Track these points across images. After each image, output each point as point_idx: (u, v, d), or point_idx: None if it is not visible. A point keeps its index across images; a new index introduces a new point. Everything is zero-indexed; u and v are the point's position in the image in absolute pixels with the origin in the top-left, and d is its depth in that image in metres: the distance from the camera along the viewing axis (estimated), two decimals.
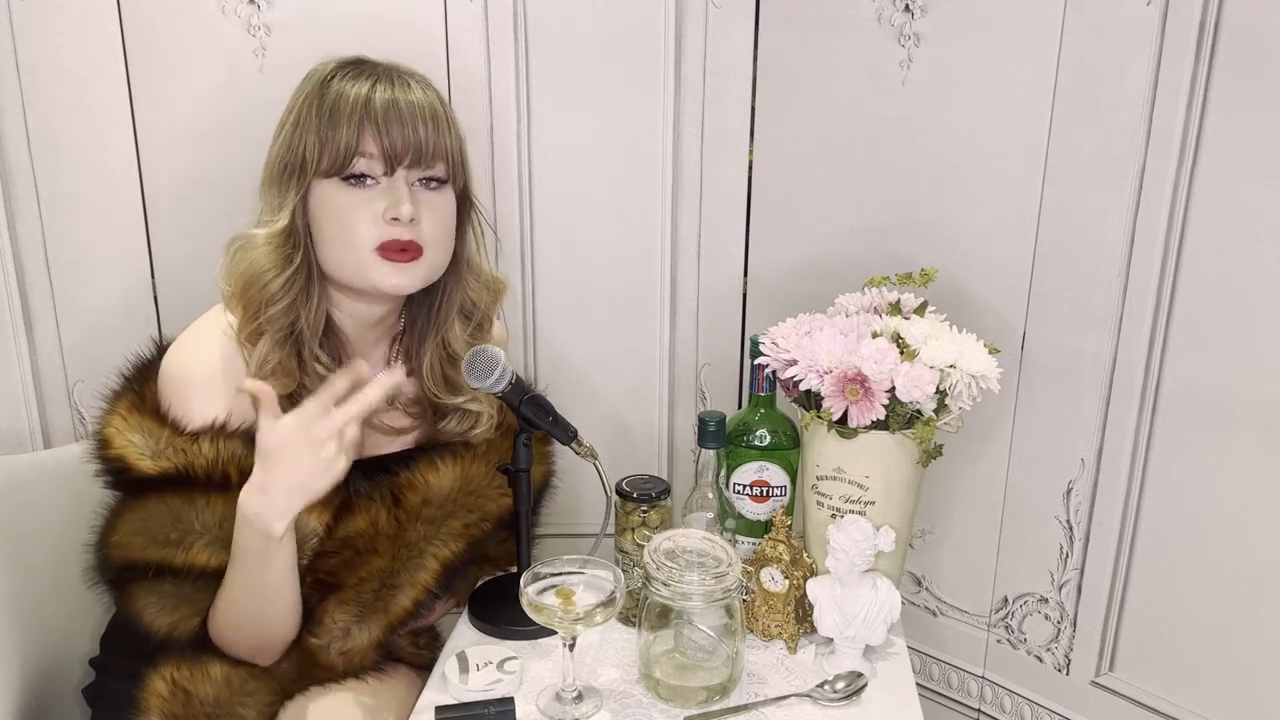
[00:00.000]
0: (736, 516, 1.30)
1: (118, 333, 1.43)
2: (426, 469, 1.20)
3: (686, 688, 1.11)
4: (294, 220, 1.11)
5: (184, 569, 1.09)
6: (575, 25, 1.47)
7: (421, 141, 1.10)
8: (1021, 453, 1.38)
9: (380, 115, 1.08)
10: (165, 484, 1.09)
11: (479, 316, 1.24)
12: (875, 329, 1.19)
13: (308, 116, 1.10)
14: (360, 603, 1.15)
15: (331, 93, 1.10)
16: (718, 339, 1.61)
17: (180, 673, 1.12)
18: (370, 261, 1.11)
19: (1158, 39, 1.16)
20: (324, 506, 1.13)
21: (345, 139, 1.08)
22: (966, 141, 1.33)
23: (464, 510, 1.20)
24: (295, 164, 1.10)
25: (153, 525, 1.09)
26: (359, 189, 1.10)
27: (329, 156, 1.09)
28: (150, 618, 1.11)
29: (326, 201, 1.11)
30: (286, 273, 1.11)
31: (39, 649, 1.26)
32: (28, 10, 1.36)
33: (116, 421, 1.11)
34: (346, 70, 1.12)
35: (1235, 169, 1.13)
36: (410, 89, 1.11)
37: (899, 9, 1.35)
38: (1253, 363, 1.16)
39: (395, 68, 1.14)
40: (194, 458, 1.08)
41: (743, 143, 1.53)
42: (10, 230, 1.41)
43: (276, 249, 1.11)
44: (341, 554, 1.14)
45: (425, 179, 1.13)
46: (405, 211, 1.09)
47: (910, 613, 1.52)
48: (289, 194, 1.11)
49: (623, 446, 1.63)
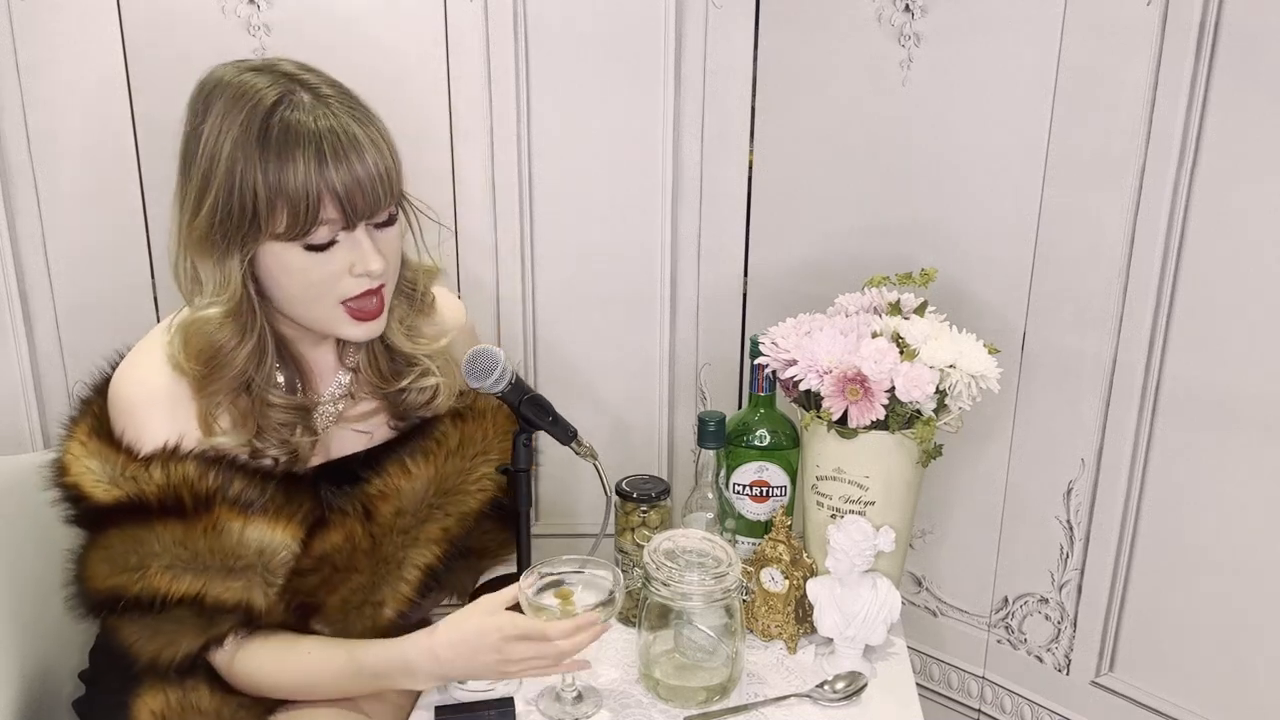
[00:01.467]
0: (736, 516, 1.30)
1: (118, 333, 1.43)
2: (398, 474, 1.16)
3: (686, 688, 1.11)
4: (245, 288, 1.04)
5: (143, 595, 1.06)
6: (575, 25, 1.47)
7: (380, 199, 1.03)
8: (1021, 453, 1.38)
9: (341, 190, 1.00)
10: (121, 512, 1.06)
11: (408, 291, 1.19)
12: (875, 329, 1.19)
13: (249, 174, 0.99)
14: (345, 620, 1.14)
15: (272, 150, 0.99)
16: (718, 339, 1.61)
17: (170, 706, 1.11)
18: (337, 317, 1.07)
19: (1158, 39, 1.16)
20: (298, 523, 1.10)
21: (305, 210, 0.99)
22: (966, 141, 1.33)
23: (440, 513, 1.18)
24: (242, 224, 1.01)
25: (115, 553, 1.07)
26: (319, 251, 1.03)
27: (282, 219, 1.00)
28: (134, 647, 1.10)
29: (286, 265, 1.03)
30: (248, 345, 1.07)
31: (38, 651, 1.26)
32: (28, 10, 1.36)
33: (75, 448, 1.09)
34: (277, 114, 1.00)
35: (1235, 169, 1.13)
36: (362, 152, 1.01)
37: (899, 9, 1.35)
38: (1253, 363, 1.16)
39: (332, 109, 1.02)
40: (145, 485, 1.05)
41: (743, 143, 1.53)
42: (10, 230, 1.41)
43: (232, 322, 1.05)
44: (320, 571, 1.12)
45: (381, 221, 1.07)
46: (376, 268, 1.04)
47: (910, 613, 1.52)
48: (231, 260, 1.03)
49: (623, 446, 1.63)
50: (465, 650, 1.05)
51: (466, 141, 1.49)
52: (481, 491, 1.22)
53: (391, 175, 1.05)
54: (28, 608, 1.25)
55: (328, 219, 1.01)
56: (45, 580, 1.26)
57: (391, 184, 1.05)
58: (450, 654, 1.06)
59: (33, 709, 1.24)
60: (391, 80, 1.44)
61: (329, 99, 1.03)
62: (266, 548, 1.09)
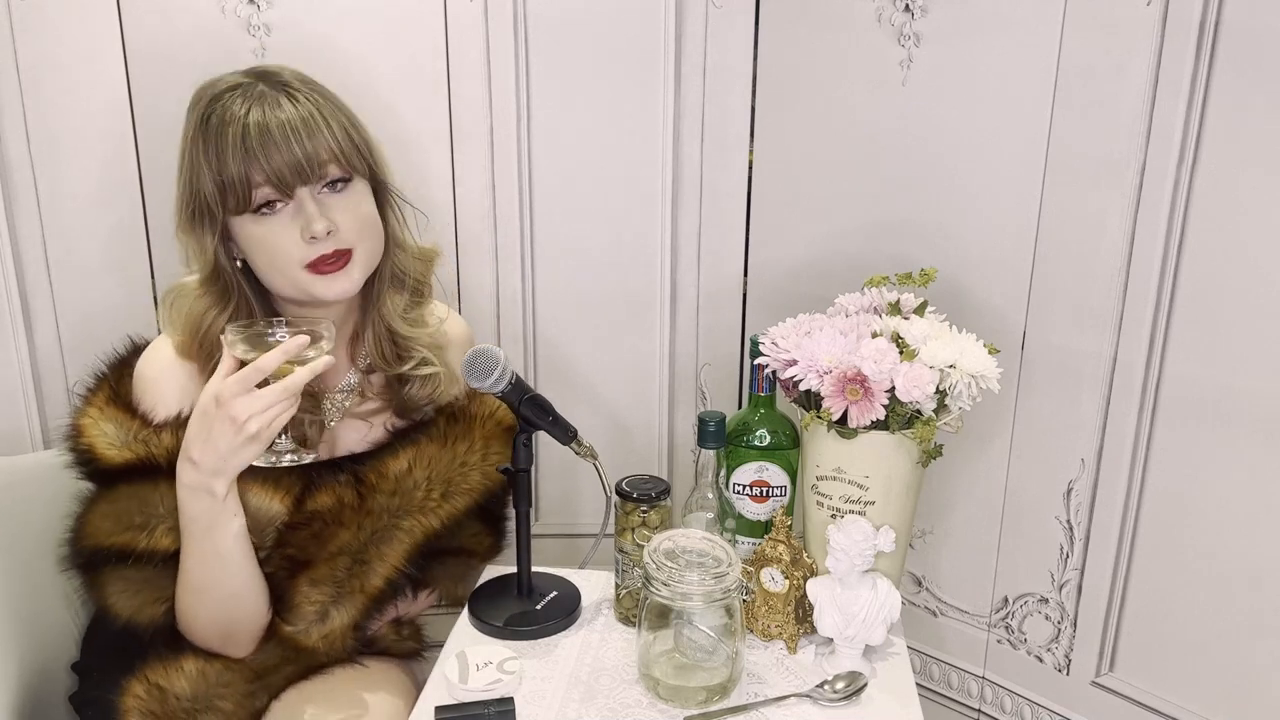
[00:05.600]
0: (736, 516, 1.30)
1: (118, 333, 1.43)
2: (387, 457, 1.23)
3: (686, 688, 1.11)
4: (218, 261, 1.15)
5: (147, 552, 1.13)
6: (575, 26, 1.47)
7: (300, 158, 1.10)
8: (1021, 453, 1.38)
9: (257, 146, 1.08)
10: (132, 472, 1.14)
11: (411, 283, 1.26)
12: (875, 329, 1.19)
13: (197, 160, 1.11)
14: (334, 580, 1.17)
15: (211, 130, 1.10)
16: (718, 339, 1.61)
17: (154, 671, 1.15)
18: (305, 279, 1.14)
19: (1158, 38, 1.16)
20: (286, 490, 1.18)
21: (236, 178, 1.09)
22: (966, 141, 1.33)
23: (425, 482, 1.23)
24: (201, 209, 1.12)
25: (120, 510, 1.14)
26: (271, 216, 1.12)
27: (229, 197, 1.10)
28: (115, 603, 1.15)
29: (246, 236, 1.13)
30: (228, 309, 1.16)
31: (36, 649, 1.26)
32: (28, 10, 1.36)
33: (92, 412, 1.17)
34: (220, 99, 1.11)
35: (1236, 169, 1.13)
36: (279, 105, 1.10)
37: (899, 9, 1.35)
38: (1253, 362, 1.16)
39: (269, 79, 1.13)
40: (154, 448, 1.14)
41: (743, 143, 1.53)
42: (10, 230, 1.41)
43: (209, 290, 1.16)
44: (310, 526, 1.17)
45: (329, 183, 1.14)
46: (319, 229, 1.11)
47: (910, 613, 1.52)
48: (206, 237, 1.13)
49: (623, 446, 1.63)
50: (201, 434, 1.06)
51: (466, 142, 1.49)
52: (479, 479, 1.26)
53: (316, 133, 1.11)
54: (26, 607, 1.26)
55: (257, 183, 1.10)
56: (45, 579, 1.27)
57: (315, 142, 1.11)
58: (197, 450, 1.07)
59: (32, 706, 1.24)
60: (391, 80, 1.44)
61: (286, 84, 1.13)
62: (261, 513, 1.16)
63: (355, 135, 1.16)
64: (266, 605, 1.17)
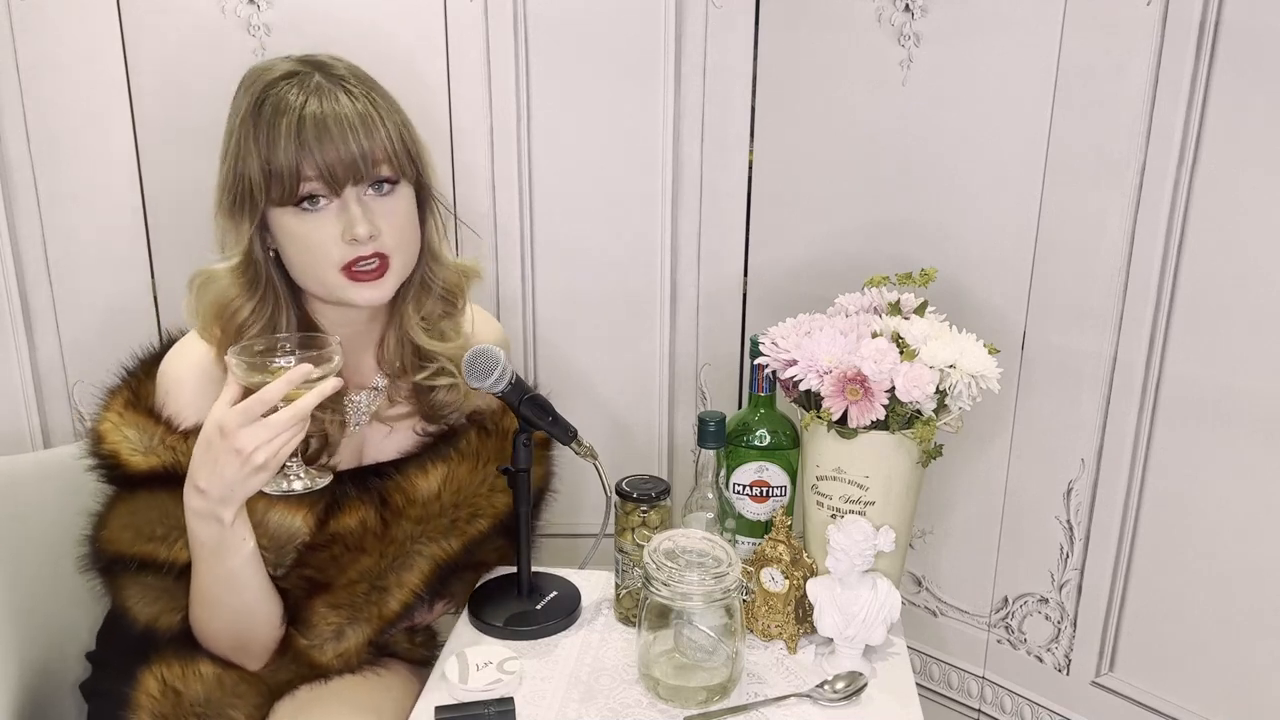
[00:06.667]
0: (736, 516, 1.30)
1: (118, 333, 1.43)
2: (416, 474, 1.21)
3: (686, 688, 1.11)
4: (253, 249, 1.12)
5: (167, 564, 1.12)
6: (575, 25, 1.47)
7: (356, 155, 1.08)
8: (1021, 453, 1.38)
9: (313, 139, 1.06)
10: (155, 480, 1.12)
11: (440, 292, 1.22)
12: (875, 329, 1.19)
13: (246, 144, 1.08)
14: (352, 605, 1.16)
15: (264, 117, 1.08)
16: (718, 339, 1.61)
17: (171, 671, 1.14)
18: (339, 282, 1.11)
19: (1158, 38, 1.16)
20: (309, 507, 1.15)
21: (285, 168, 1.07)
22: (966, 141, 1.33)
23: (451, 508, 1.21)
24: (244, 195, 1.09)
25: (141, 520, 1.12)
26: (313, 213, 1.09)
27: (275, 187, 1.08)
28: (133, 607, 1.14)
29: (284, 229, 1.11)
30: (255, 298, 1.13)
31: (37, 646, 1.26)
32: (28, 10, 1.36)
33: (112, 417, 1.14)
34: (275, 85, 1.09)
35: (1235, 169, 1.13)
36: (338, 99, 1.08)
37: (899, 9, 1.35)
38: (1253, 362, 1.16)
39: (325, 70, 1.11)
40: (181, 456, 1.11)
41: (743, 143, 1.53)
42: (10, 230, 1.42)
43: (239, 278, 1.13)
44: (331, 549, 1.16)
45: (376, 184, 1.11)
46: (362, 232, 1.08)
47: (910, 613, 1.52)
48: (244, 224, 1.11)
49: (623, 446, 1.63)
50: (207, 464, 1.04)
51: (466, 141, 1.49)
52: (496, 496, 1.24)
53: (373, 130, 1.09)
54: (28, 605, 1.26)
55: (307, 176, 1.08)
56: (45, 578, 1.27)
57: (372, 140, 1.09)
58: (204, 479, 1.04)
59: (32, 701, 1.24)
60: (391, 80, 1.44)
61: (342, 79, 1.10)
62: (283, 531, 1.14)
63: (408, 137, 1.14)
64: (280, 620, 1.15)
